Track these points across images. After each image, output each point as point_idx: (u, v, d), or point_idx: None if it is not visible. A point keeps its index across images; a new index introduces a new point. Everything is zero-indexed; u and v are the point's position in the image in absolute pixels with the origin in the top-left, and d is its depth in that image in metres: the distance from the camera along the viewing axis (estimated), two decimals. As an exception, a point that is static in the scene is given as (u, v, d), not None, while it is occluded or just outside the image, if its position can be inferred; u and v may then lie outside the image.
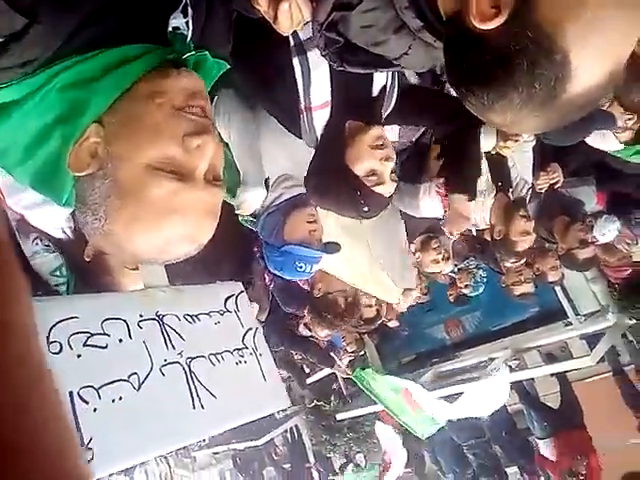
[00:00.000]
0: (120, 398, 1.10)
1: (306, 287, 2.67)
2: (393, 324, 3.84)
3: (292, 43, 1.30)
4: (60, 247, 1.48)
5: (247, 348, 1.42)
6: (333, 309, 2.51)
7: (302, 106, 1.42)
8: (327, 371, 4.70)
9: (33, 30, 0.68)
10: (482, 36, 0.67)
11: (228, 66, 0.96)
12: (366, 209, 1.48)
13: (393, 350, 5.04)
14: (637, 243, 3.39)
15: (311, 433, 5.98)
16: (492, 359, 4.66)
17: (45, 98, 0.74)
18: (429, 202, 2.21)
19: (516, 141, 2.32)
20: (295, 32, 1.25)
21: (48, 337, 1.08)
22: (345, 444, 5.76)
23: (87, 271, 1.47)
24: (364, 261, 2.46)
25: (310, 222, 1.80)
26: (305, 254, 1.78)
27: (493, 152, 2.40)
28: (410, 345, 5.12)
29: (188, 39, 0.84)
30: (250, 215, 1.85)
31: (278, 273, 1.93)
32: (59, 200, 0.83)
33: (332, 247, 1.87)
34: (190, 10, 0.83)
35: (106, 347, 1.14)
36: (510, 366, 4.34)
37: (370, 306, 3.18)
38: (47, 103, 0.75)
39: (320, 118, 1.44)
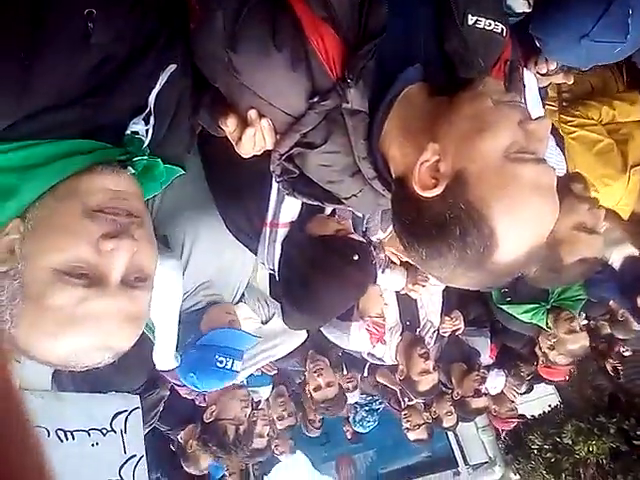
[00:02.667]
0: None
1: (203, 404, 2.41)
2: (285, 457, 3.58)
3: None
4: None
5: (122, 481, 1.20)
6: (219, 439, 2.22)
7: (268, 221, 1.44)
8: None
9: None
10: (423, 201, 0.75)
11: (182, 172, 0.96)
12: (356, 256, 1.44)
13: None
14: (521, 392, 3.58)
15: None
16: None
17: None
18: (359, 338, 2.23)
19: (423, 286, 2.46)
20: None
21: None
22: None
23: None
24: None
25: (229, 313, 1.66)
26: (228, 343, 1.58)
27: (402, 292, 2.51)
28: (297, 481, 4.74)
29: (144, 145, 0.83)
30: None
31: (189, 380, 1.61)
32: None
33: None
34: (152, 120, 0.84)
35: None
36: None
37: (262, 436, 2.93)
38: None
39: (282, 235, 1.47)
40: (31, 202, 0.72)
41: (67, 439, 1.11)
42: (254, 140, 0.91)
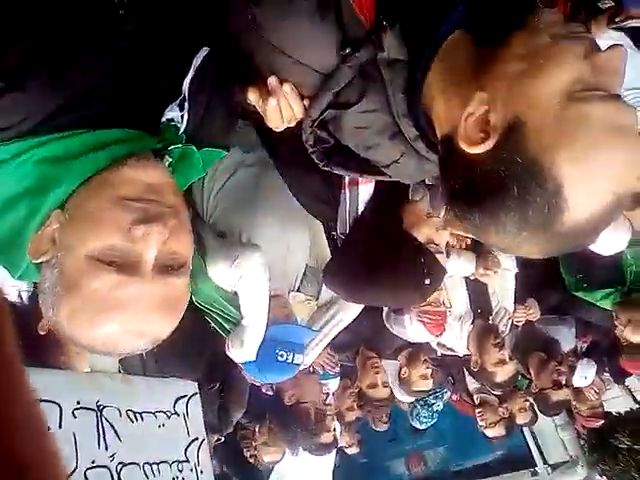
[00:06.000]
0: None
1: (269, 392, 2.42)
2: (352, 451, 3.52)
3: None
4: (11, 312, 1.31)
5: (188, 462, 1.23)
6: (303, 422, 2.21)
7: (347, 180, 1.36)
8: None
9: (11, 96, 0.67)
10: (472, 160, 0.66)
11: (225, 153, 0.96)
12: (428, 281, 1.33)
13: (348, 481, 4.59)
14: (604, 391, 3.33)
15: None
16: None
17: (21, 167, 0.73)
18: (415, 330, 2.16)
19: (495, 271, 2.33)
20: None
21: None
22: None
23: (36, 345, 1.28)
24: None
25: (284, 307, 1.63)
26: (288, 338, 1.56)
27: (472, 278, 2.40)
28: (367, 477, 4.69)
29: (180, 132, 0.83)
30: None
31: (253, 372, 1.62)
32: (13, 273, 0.79)
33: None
34: (187, 105, 0.83)
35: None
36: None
37: (329, 431, 2.88)
38: (22, 173, 0.73)
39: (365, 192, 1.38)
40: (70, 192, 0.74)
41: (137, 420, 1.15)
42: (279, 110, 0.84)
